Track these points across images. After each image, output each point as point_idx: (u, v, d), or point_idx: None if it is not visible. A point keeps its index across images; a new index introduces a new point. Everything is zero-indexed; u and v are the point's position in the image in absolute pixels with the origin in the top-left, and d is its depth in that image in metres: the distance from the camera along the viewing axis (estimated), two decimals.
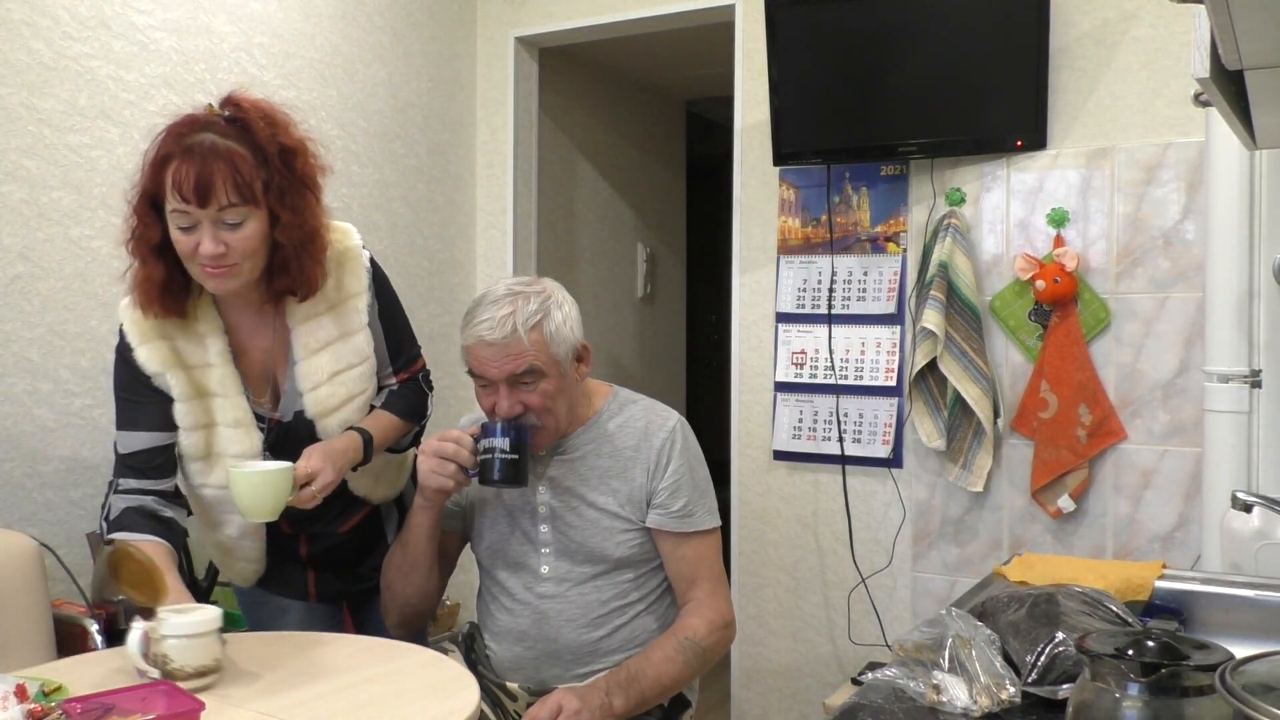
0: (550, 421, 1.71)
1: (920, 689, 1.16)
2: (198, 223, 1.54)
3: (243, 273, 1.60)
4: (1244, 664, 0.92)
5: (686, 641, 1.72)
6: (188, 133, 1.55)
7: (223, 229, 1.55)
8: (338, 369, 1.73)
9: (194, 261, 1.57)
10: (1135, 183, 2.51)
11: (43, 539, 2.08)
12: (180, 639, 1.39)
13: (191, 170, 1.51)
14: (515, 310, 1.66)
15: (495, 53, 3.38)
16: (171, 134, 1.56)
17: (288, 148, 1.62)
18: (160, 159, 1.55)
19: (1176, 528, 2.47)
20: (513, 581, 1.79)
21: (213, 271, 1.57)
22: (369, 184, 2.99)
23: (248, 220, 1.56)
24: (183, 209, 1.53)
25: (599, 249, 4.13)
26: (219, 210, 1.53)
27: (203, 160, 1.52)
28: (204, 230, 1.54)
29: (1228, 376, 1.92)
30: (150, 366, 1.66)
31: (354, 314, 1.74)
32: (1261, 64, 1.03)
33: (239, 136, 1.57)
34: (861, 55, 2.69)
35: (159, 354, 1.66)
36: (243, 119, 1.59)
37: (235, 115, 1.60)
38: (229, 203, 1.53)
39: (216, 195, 1.52)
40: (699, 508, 1.77)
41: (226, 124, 1.58)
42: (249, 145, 1.57)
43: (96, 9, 2.29)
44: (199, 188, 1.51)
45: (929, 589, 2.74)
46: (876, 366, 2.79)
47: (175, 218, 1.55)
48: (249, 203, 1.55)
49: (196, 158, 1.52)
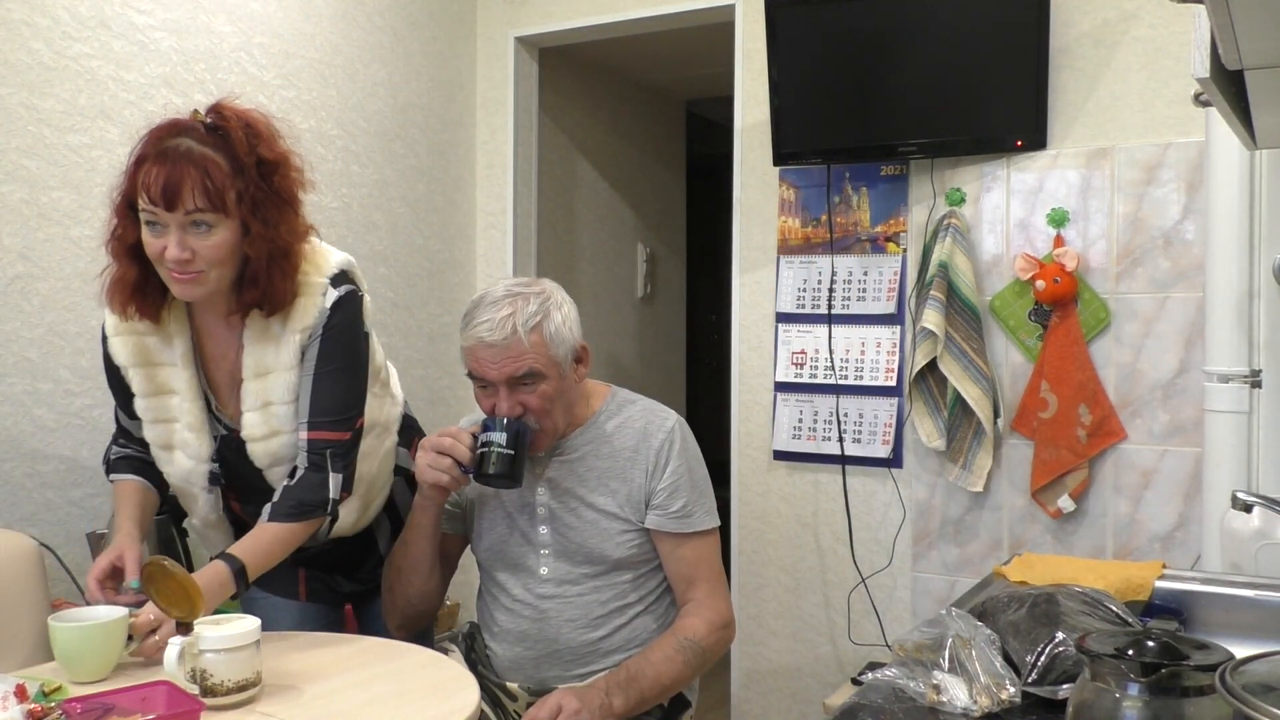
0: (549, 424, 1.71)
1: (920, 689, 1.16)
2: (166, 226, 1.54)
3: (209, 281, 1.59)
4: (1244, 664, 0.92)
5: (686, 642, 1.72)
6: (166, 136, 1.57)
7: (191, 235, 1.55)
8: (269, 400, 1.68)
9: (162, 265, 1.57)
10: (1135, 183, 2.51)
11: (43, 539, 2.08)
12: (219, 653, 1.35)
13: (161, 173, 1.52)
14: (515, 312, 1.65)
15: (495, 53, 3.38)
16: (152, 137, 1.58)
17: (266, 160, 1.61)
18: (136, 160, 1.57)
19: (1176, 528, 2.47)
20: (512, 582, 1.79)
21: (179, 276, 1.57)
22: (369, 184, 2.99)
23: (217, 228, 1.56)
24: (151, 210, 1.54)
25: (599, 249, 4.13)
26: (185, 214, 1.53)
27: (174, 165, 1.53)
28: (171, 234, 1.54)
29: (1228, 376, 1.92)
30: (118, 359, 1.71)
31: (290, 349, 1.67)
32: (1261, 64, 1.03)
33: (216, 145, 1.57)
34: (861, 55, 2.69)
35: (126, 348, 1.70)
36: (224, 127, 1.59)
37: (217, 123, 1.60)
38: (196, 208, 1.53)
39: (184, 200, 1.52)
40: (698, 508, 1.77)
41: (206, 131, 1.59)
42: (225, 154, 1.57)
43: (96, 9, 2.29)
44: (166, 191, 1.52)
45: (929, 589, 2.74)
46: (876, 366, 2.79)
47: (145, 217, 1.56)
48: (218, 210, 1.55)
49: (168, 162, 1.53)
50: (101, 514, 2.24)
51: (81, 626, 1.44)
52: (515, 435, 1.65)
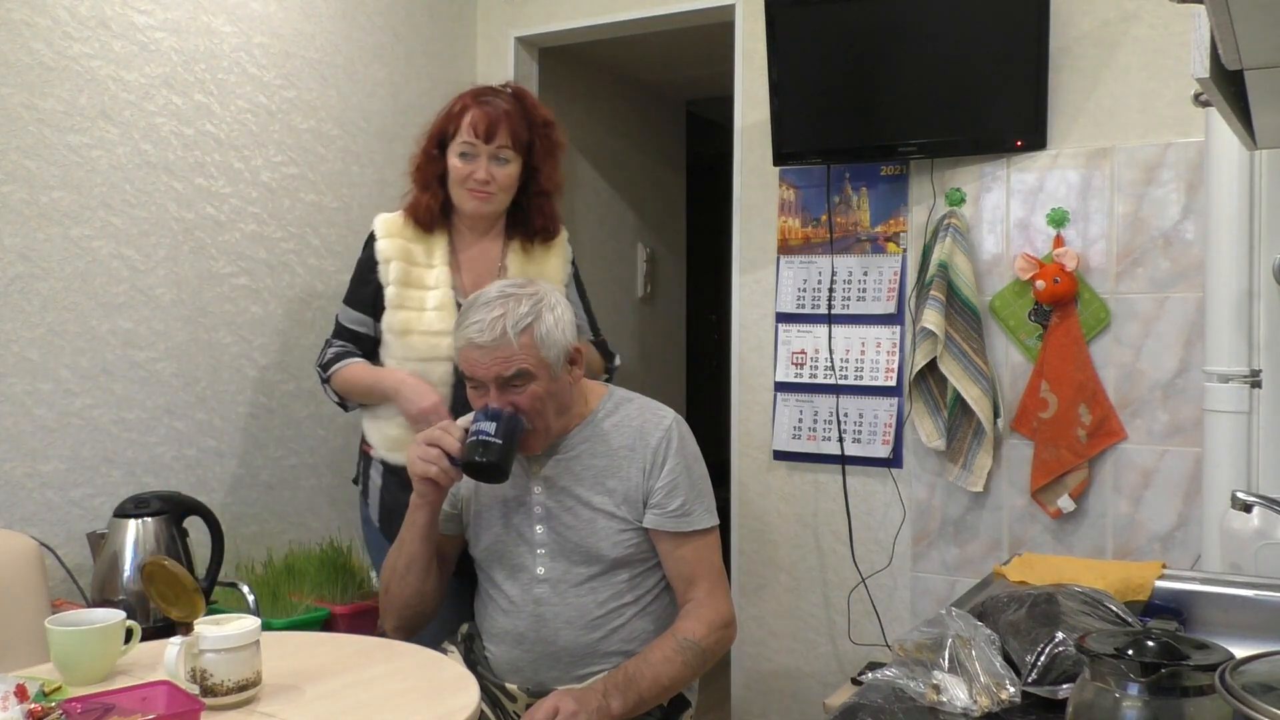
0: (540, 424, 1.70)
1: (920, 689, 1.16)
2: (478, 155, 2.13)
3: (496, 201, 2.17)
4: (1244, 664, 0.92)
5: (685, 642, 1.72)
6: (482, 95, 2.18)
7: (494, 164, 2.14)
8: None
9: (463, 186, 2.15)
10: (1135, 183, 2.51)
11: (43, 539, 2.08)
12: (219, 653, 1.35)
13: (484, 116, 2.12)
14: (506, 313, 1.66)
15: (495, 53, 3.38)
16: (471, 94, 2.19)
17: (549, 122, 2.22)
18: (460, 109, 2.16)
19: (1176, 528, 2.47)
20: (509, 583, 1.79)
21: (477, 194, 2.15)
22: (369, 184, 2.99)
23: (511, 163, 2.16)
24: (471, 143, 2.12)
25: (599, 249, 4.13)
26: (496, 147, 2.12)
27: (493, 109, 2.14)
28: (480, 162, 2.13)
29: (1228, 376, 1.92)
30: (383, 254, 2.17)
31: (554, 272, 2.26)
32: (1261, 64, 1.03)
33: (515, 104, 2.18)
34: (861, 55, 2.69)
35: (394, 246, 2.18)
36: (520, 95, 2.22)
37: (515, 92, 2.22)
38: (504, 144, 2.13)
39: (499, 136, 2.12)
40: (696, 507, 1.76)
41: (509, 95, 2.20)
42: (521, 111, 2.18)
43: (96, 9, 2.29)
44: (489, 128, 2.12)
45: (929, 589, 2.74)
46: (876, 366, 2.79)
47: (461, 149, 2.13)
48: (516, 149, 2.15)
49: (490, 108, 2.14)
50: (102, 514, 2.25)
51: (78, 630, 1.43)
52: (504, 425, 1.65)
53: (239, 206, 2.60)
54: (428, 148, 2.19)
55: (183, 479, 2.46)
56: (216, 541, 2.17)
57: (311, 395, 2.80)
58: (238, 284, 2.60)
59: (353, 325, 2.20)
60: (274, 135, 2.70)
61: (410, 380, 2.07)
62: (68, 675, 1.42)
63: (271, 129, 2.69)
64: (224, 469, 2.58)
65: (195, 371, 2.50)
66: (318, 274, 2.83)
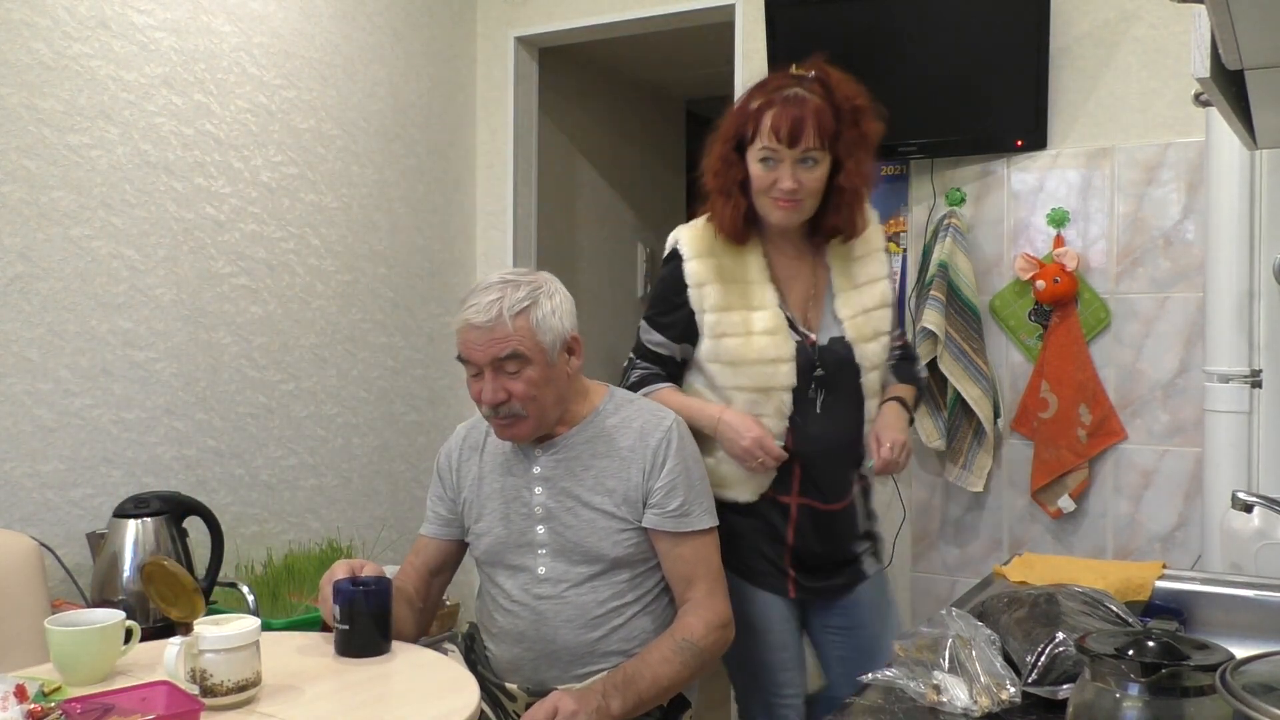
0: (534, 410, 1.71)
1: (920, 689, 1.16)
2: (781, 161, 1.81)
3: (805, 209, 1.86)
4: (1244, 664, 0.92)
5: (684, 643, 1.71)
6: (782, 86, 1.83)
7: (799, 169, 1.82)
8: (869, 306, 1.94)
9: (767, 195, 1.84)
10: (1135, 183, 2.51)
11: (43, 539, 2.08)
12: (219, 653, 1.35)
13: (788, 116, 1.79)
14: (503, 296, 1.68)
15: (495, 53, 3.38)
16: (765, 87, 1.85)
17: (859, 108, 1.86)
18: (758, 106, 1.83)
19: (1176, 528, 2.47)
20: (510, 583, 1.79)
21: (784, 204, 1.84)
22: (369, 184, 2.99)
23: (820, 164, 1.83)
24: (773, 148, 1.81)
25: (599, 249, 4.13)
26: (803, 151, 1.80)
27: (797, 107, 1.79)
28: (784, 169, 1.82)
29: (1228, 376, 1.92)
30: (696, 278, 1.90)
31: (879, 264, 1.97)
32: (1261, 64, 1.03)
33: (822, 94, 1.83)
34: (861, 55, 2.67)
35: (707, 267, 1.90)
36: (825, 79, 1.85)
37: (819, 75, 1.85)
38: (812, 146, 1.80)
39: (805, 139, 1.79)
40: (695, 507, 1.76)
41: (814, 82, 1.84)
42: (829, 101, 1.83)
43: (96, 9, 2.29)
44: (793, 131, 1.79)
45: (929, 589, 2.74)
46: None
47: (761, 154, 1.83)
48: (824, 149, 1.82)
49: (792, 105, 1.80)
50: (102, 514, 2.25)
51: (78, 630, 1.43)
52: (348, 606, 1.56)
53: (239, 206, 2.60)
54: (723, 151, 1.90)
55: (183, 479, 2.46)
56: (216, 542, 2.17)
57: (311, 395, 2.80)
58: (237, 284, 2.60)
59: (655, 347, 1.97)
60: (274, 135, 2.70)
61: (729, 415, 1.86)
62: (67, 675, 1.42)
63: (271, 129, 2.69)
64: (224, 469, 2.58)
65: (195, 371, 2.50)
66: (317, 274, 2.83)
